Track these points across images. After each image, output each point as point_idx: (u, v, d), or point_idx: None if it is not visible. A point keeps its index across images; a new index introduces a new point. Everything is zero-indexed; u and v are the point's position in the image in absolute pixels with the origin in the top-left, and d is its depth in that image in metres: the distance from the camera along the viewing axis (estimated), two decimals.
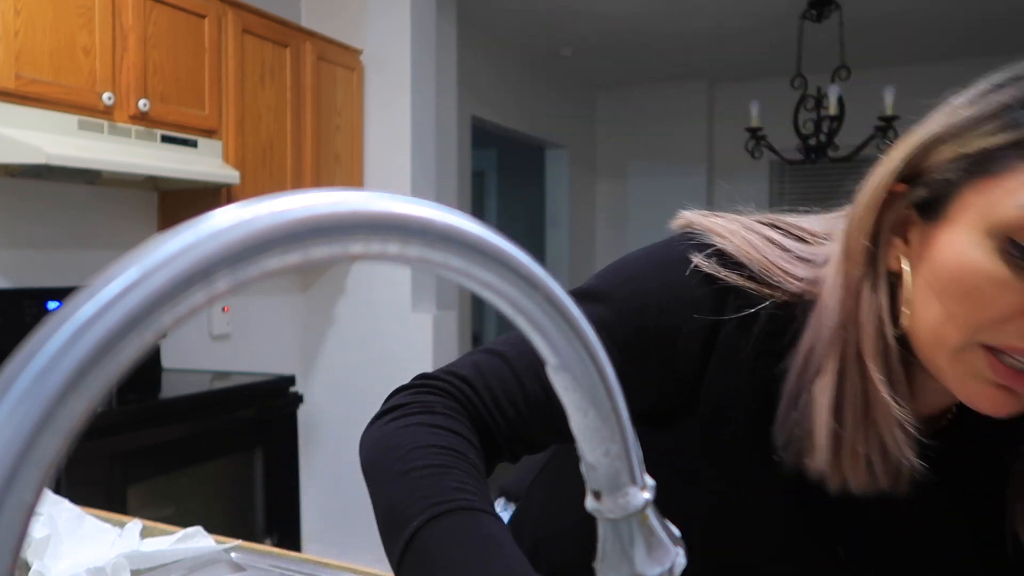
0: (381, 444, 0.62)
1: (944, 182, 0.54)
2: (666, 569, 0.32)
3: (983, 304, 0.51)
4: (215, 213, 0.21)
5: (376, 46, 3.19)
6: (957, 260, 0.53)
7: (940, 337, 0.54)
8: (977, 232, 0.52)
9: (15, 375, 0.18)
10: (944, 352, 0.54)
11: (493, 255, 0.25)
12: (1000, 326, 0.51)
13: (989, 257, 0.51)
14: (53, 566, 0.80)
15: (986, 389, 0.53)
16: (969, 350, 0.53)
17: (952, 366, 0.54)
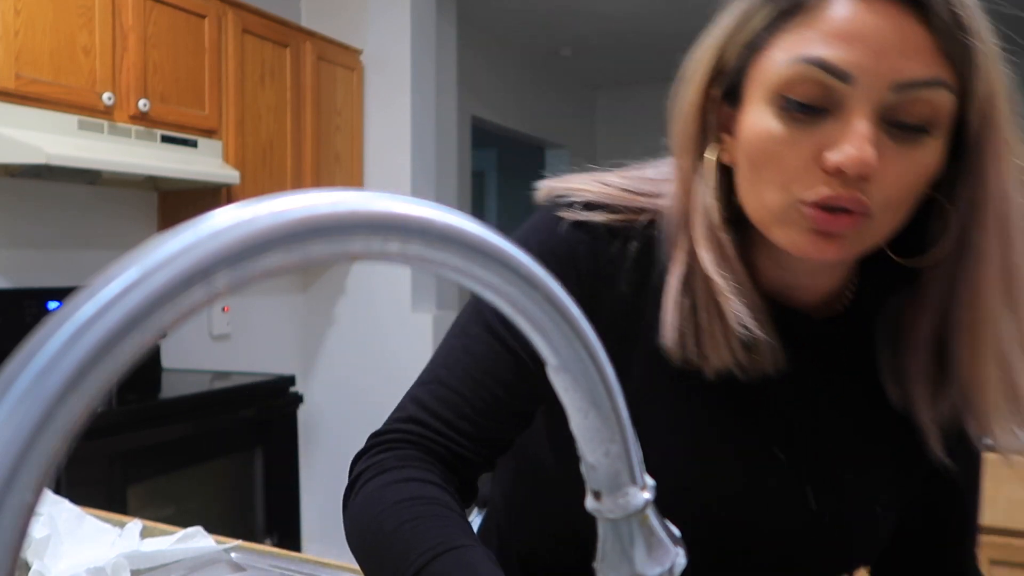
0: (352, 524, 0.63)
1: (736, 71, 0.60)
2: (666, 569, 0.32)
3: (782, 164, 0.56)
4: (215, 213, 0.21)
5: (376, 46, 3.19)
6: (753, 131, 0.57)
7: (760, 203, 0.58)
8: (761, 102, 0.57)
9: (15, 375, 0.18)
10: (769, 217, 0.58)
11: (493, 255, 0.25)
12: (804, 179, 0.55)
13: (772, 119, 0.56)
14: (53, 566, 0.80)
15: (809, 238, 0.56)
16: (791, 210, 0.57)
17: (780, 227, 0.58)
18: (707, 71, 0.61)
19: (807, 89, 0.54)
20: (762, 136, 0.56)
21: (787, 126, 0.55)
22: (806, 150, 0.55)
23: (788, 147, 0.55)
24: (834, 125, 0.54)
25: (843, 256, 0.57)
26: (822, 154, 0.54)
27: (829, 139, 0.54)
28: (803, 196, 0.55)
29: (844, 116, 0.53)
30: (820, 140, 0.54)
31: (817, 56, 0.53)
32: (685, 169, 0.63)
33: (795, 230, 0.57)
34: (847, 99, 0.53)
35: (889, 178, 0.54)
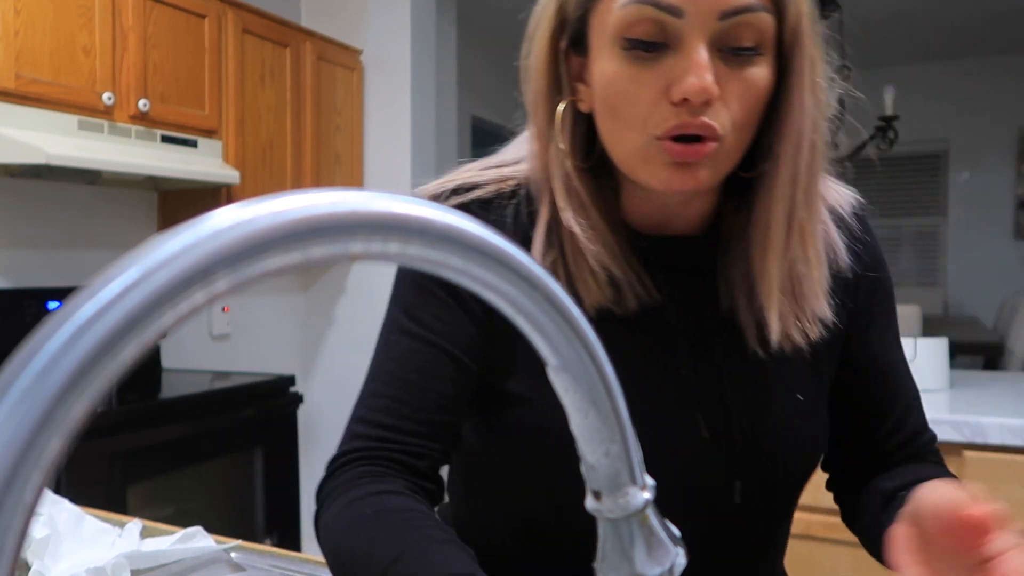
0: (325, 550, 0.65)
1: (578, 20, 0.63)
2: (666, 569, 0.32)
3: (635, 103, 0.59)
4: (215, 213, 0.21)
5: (376, 46, 3.19)
6: (603, 76, 0.61)
7: (620, 145, 0.62)
8: (606, 47, 0.60)
9: (15, 375, 0.18)
10: (630, 157, 0.62)
11: (493, 255, 0.25)
12: (656, 115, 0.59)
13: (619, 62, 0.59)
14: (53, 566, 0.80)
15: (668, 171, 0.60)
16: (648, 147, 0.60)
17: (642, 166, 0.61)
18: (551, 25, 0.64)
19: (645, 27, 0.58)
20: (612, 79, 0.60)
21: (633, 66, 0.59)
22: (654, 87, 0.59)
23: (637, 86, 0.59)
24: (675, 59, 0.58)
25: (704, 184, 0.61)
26: (669, 89, 0.58)
27: (673, 73, 0.58)
28: (656, 131, 0.59)
29: (682, 49, 0.58)
30: (665, 75, 0.58)
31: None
32: (541, 125, 0.66)
33: (655, 166, 0.60)
34: (682, 33, 0.57)
35: (731, 100, 0.59)
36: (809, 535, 1.67)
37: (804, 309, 0.67)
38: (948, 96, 5.73)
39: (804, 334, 0.67)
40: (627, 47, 0.59)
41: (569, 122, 0.65)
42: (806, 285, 0.66)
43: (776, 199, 0.63)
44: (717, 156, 0.60)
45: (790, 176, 0.62)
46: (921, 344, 1.86)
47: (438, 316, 0.68)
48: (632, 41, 0.58)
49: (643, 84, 0.59)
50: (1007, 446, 1.57)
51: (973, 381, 2.01)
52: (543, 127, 0.66)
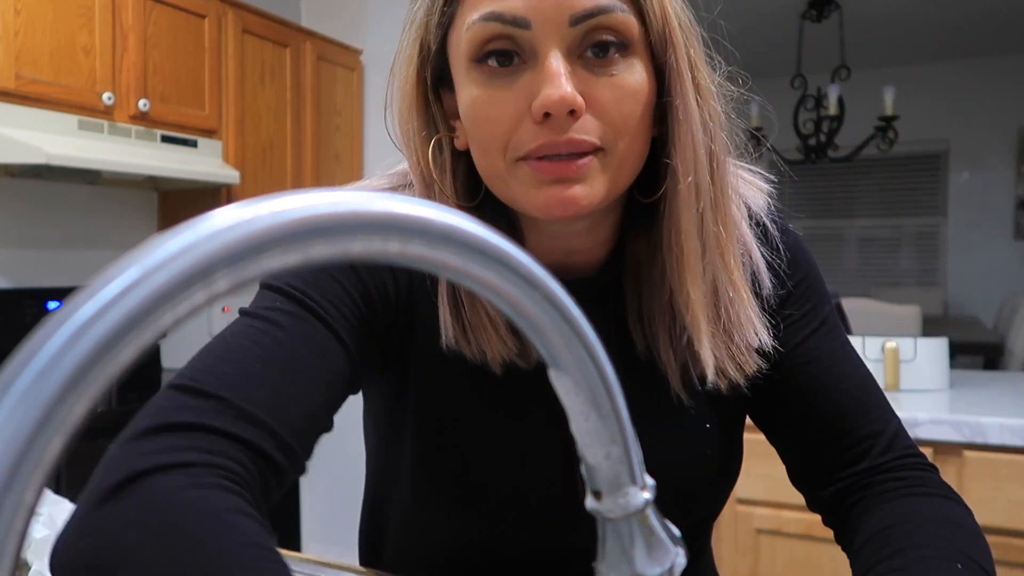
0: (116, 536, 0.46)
1: (439, 52, 0.60)
2: (666, 569, 0.32)
3: (497, 126, 0.55)
4: (215, 213, 0.21)
5: (376, 46, 3.19)
6: (465, 104, 0.57)
7: (489, 172, 0.58)
8: (464, 74, 0.57)
9: (15, 375, 0.18)
10: (500, 183, 0.58)
11: (493, 255, 0.25)
12: (516, 137, 0.55)
13: (476, 86, 0.56)
14: None
15: (545, 191, 0.55)
16: (513, 169, 0.56)
17: (513, 189, 0.57)
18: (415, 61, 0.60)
19: (495, 45, 0.55)
20: (472, 105, 0.56)
21: (490, 88, 0.55)
22: (515, 106, 0.55)
23: (497, 107, 0.55)
24: (533, 75, 0.54)
25: (588, 202, 0.55)
26: (531, 107, 0.54)
27: (532, 90, 0.54)
28: (522, 152, 0.55)
29: (539, 62, 0.54)
30: (524, 93, 0.54)
31: (489, 11, 0.54)
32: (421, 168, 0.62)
33: (528, 188, 0.56)
34: (534, 45, 0.54)
35: (603, 108, 0.54)
36: (809, 535, 1.67)
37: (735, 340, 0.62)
38: (948, 96, 5.73)
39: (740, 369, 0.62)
40: (481, 69, 0.55)
41: (451, 162, 0.61)
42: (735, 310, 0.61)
43: (682, 214, 0.58)
44: (604, 168, 0.55)
45: (693, 187, 0.58)
46: (921, 344, 1.86)
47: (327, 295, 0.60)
48: (484, 64, 0.55)
49: (503, 104, 0.55)
50: (1007, 446, 1.57)
51: (973, 381, 2.01)
52: (423, 170, 0.61)
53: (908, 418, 1.61)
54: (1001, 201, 5.71)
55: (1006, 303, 4.84)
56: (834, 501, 0.68)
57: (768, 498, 1.70)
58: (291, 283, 0.59)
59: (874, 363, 1.85)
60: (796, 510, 1.66)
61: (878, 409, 0.67)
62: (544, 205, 0.55)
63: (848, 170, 5.69)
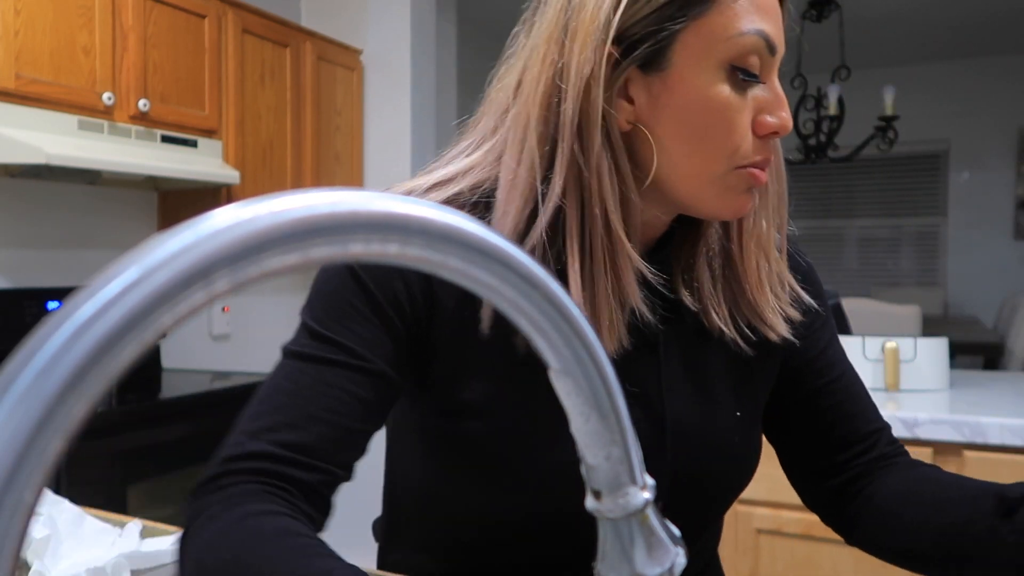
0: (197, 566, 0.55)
1: (659, 32, 0.57)
2: (666, 569, 0.32)
3: (732, 131, 0.59)
4: (215, 213, 0.21)
5: (376, 46, 3.19)
6: (699, 99, 0.58)
7: (704, 171, 0.60)
8: (706, 70, 0.58)
9: (15, 375, 0.18)
10: (709, 184, 0.60)
11: (493, 255, 0.25)
12: (746, 144, 0.59)
13: (726, 88, 0.58)
14: (53, 566, 0.80)
15: (744, 197, 0.62)
16: (729, 175, 0.60)
17: (719, 191, 0.61)
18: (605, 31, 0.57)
19: (753, 60, 0.58)
20: (716, 104, 0.58)
21: (739, 95, 0.59)
22: (748, 116, 0.59)
23: (738, 115, 0.59)
24: (761, 92, 0.60)
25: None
26: (757, 120, 0.59)
27: (760, 106, 0.59)
28: (742, 160, 0.60)
29: (769, 84, 0.60)
30: (753, 107, 0.59)
31: (761, 29, 0.58)
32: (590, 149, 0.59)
33: (733, 193, 0.61)
34: (770, 68, 0.60)
35: None
36: (809, 535, 1.67)
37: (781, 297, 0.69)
38: (948, 96, 5.73)
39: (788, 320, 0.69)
40: (737, 76, 0.58)
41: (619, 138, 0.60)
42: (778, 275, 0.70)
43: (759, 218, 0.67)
44: None
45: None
46: (921, 344, 1.86)
47: (349, 325, 0.61)
48: (744, 71, 0.58)
49: (743, 112, 0.59)
50: (1007, 446, 1.57)
51: (973, 381, 2.01)
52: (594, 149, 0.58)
53: (908, 418, 1.61)
54: (1001, 201, 5.71)
55: (1006, 303, 4.84)
56: (842, 489, 0.75)
57: (768, 498, 1.70)
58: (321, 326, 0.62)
59: (874, 363, 1.85)
60: (796, 510, 1.66)
61: (876, 409, 0.77)
62: (738, 208, 0.62)
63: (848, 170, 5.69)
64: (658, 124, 0.60)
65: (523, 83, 0.62)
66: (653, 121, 0.60)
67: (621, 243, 0.60)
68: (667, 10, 0.57)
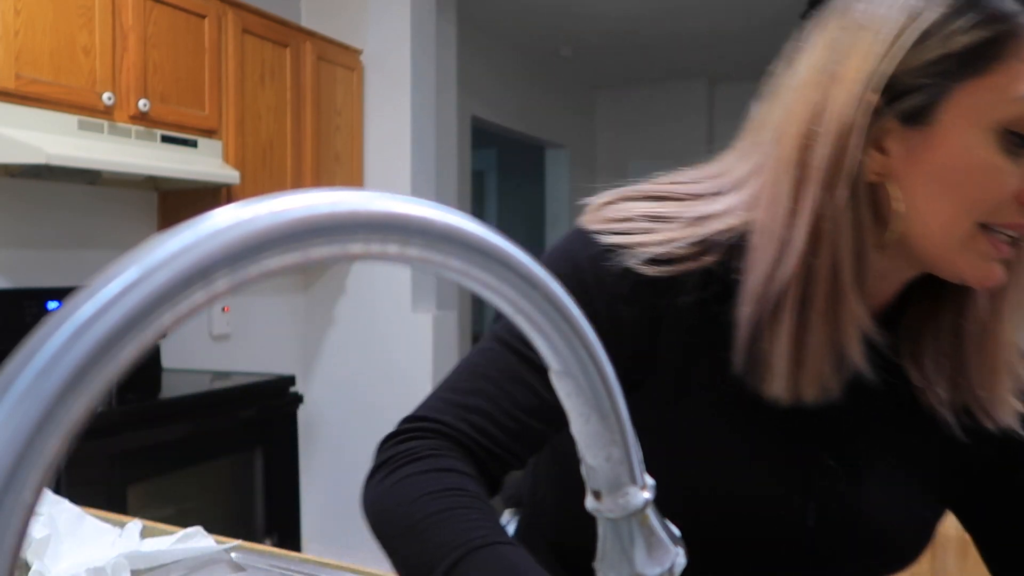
0: (381, 505, 0.62)
1: (931, 87, 0.55)
2: (666, 569, 0.32)
3: (989, 193, 0.56)
4: (215, 213, 0.21)
5: (376, 46, 3.19)
6: (963, 159, 0.56)
7: (951, 230, 0.58)
8: (977, 130, 0.55)
9: (15, 375, 0.18)
10: (954, 243, 0.58)
11: (493, 255, 0.25)
12: (1002, 209, 0.56)
13: (991, 151, 0.55)
14: (53, 566, 0.80)
15: (990, 267, 0.58)
16: (973, 236, 0.57)
17: (963, 255, 0.58)
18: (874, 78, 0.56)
19: None
20: (978, 167, 0.56)
21: (1008, 159, 0.56)
22: (1015, 183, 0.56)
23: (1005, 178, 0.56)
24: None
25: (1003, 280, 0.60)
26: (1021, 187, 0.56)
27: None
28: (991, 220, 0.57)
29: None
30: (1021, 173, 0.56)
31: None
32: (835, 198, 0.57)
33: (978, 258, 0.58)
34: None
35: None
36: None
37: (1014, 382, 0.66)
38: None
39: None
40: (1012, 141, 0.55)
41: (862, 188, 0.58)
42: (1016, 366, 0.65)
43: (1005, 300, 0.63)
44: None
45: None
46: None
47: None
48: (1019, 135, 0.55)
49: (1011, 179, 0.56)
50: None
51: None
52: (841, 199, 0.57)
53: None
54: None
55: None
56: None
57: None
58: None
59: None
60: None
61: None
62: (982, 277, 0.59)
63: None
64: (910, 179, 0.58)
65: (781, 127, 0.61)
66: (905, 175, 0.58)
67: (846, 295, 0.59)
68: (944, 64, 0.55)
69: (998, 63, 0.54)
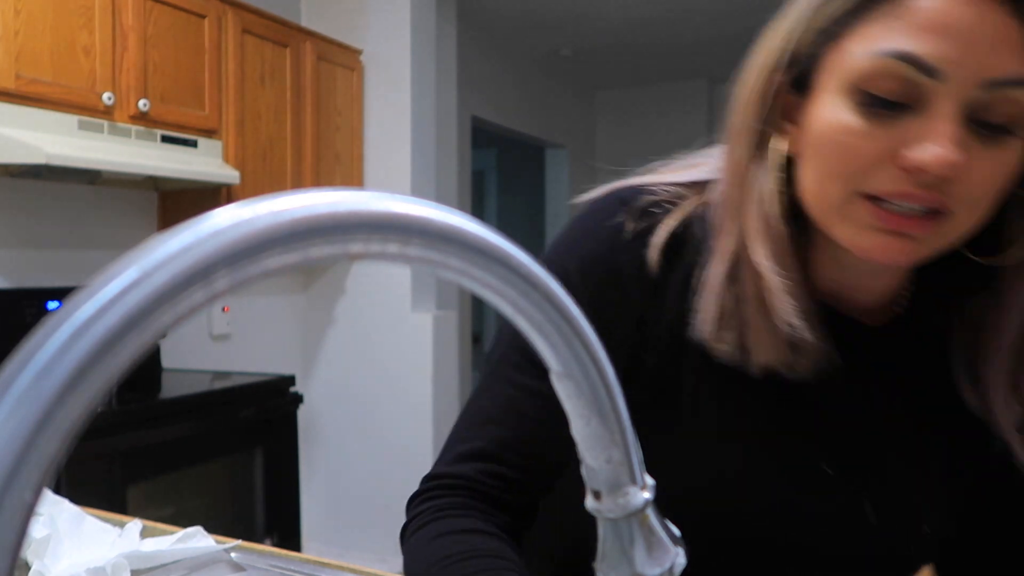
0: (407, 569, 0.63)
1: (808, 57, 0.56)
2: (666, 569, 0.32)
3: (853, 157, 0.53)
4: (215, 213, 0.21)
5: (376, 46, 3.19)
6: (825, 123, 0.55)
7: (822, 196, 0.56)
8: (836, 93, 0.54)
9: (15, 375, 0.18)
10: (830, 211, 0.56)
11: (493, 255, 0.25)
12: (871, 174, 0.53)
13: (848, 112, 0.53)
14: (53, 566, 0.80)
15: (877, 238, 0.54)
16: (851, 203, 0.54)
17: (842, 223, 0.56)
18: (775, 56, 0.58)
19: (890, 84, 0.51)
20: (835, 129, 0.54)
21: (864, 120, 0.52)
22: (881, 145, 0.52)
23: (862, 141, 0.53)
24: (916, 122, 0.51)
25: (915, 259, 0.54)
26: (899, 151, 0.51)
27: (909, 136, 0.51)
28: (870, 189, 0.53)
29: (929, 113, 0.50)
30: (899, 136, 0.51)
31: (905, 50, 0.50)
32: (740, 158, 0.60)
33: (861, 229, 0.54)
34: (933, 95, 0.50)
35: (972, 179, 0.51)
36: None
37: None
38: None
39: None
40: (863, 100, 0.52)
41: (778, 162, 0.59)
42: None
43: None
44: (938, 231, 0.53)
45: None
46: None
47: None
48: (872, 96, 0.52)
49: (871, 140, 0.52)
50: None
51: None
52: (742, 163, 0.60)
53: None
54: None
55: None
56: None
57: None
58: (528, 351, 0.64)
59: None
60: None
61: None
62: (870, 249, 0.54)
63: None
64: (802, 149, 0.58)
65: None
66: (801, 146, 0.58)
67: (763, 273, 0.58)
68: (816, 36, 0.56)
69: (860, 22, 0.53)
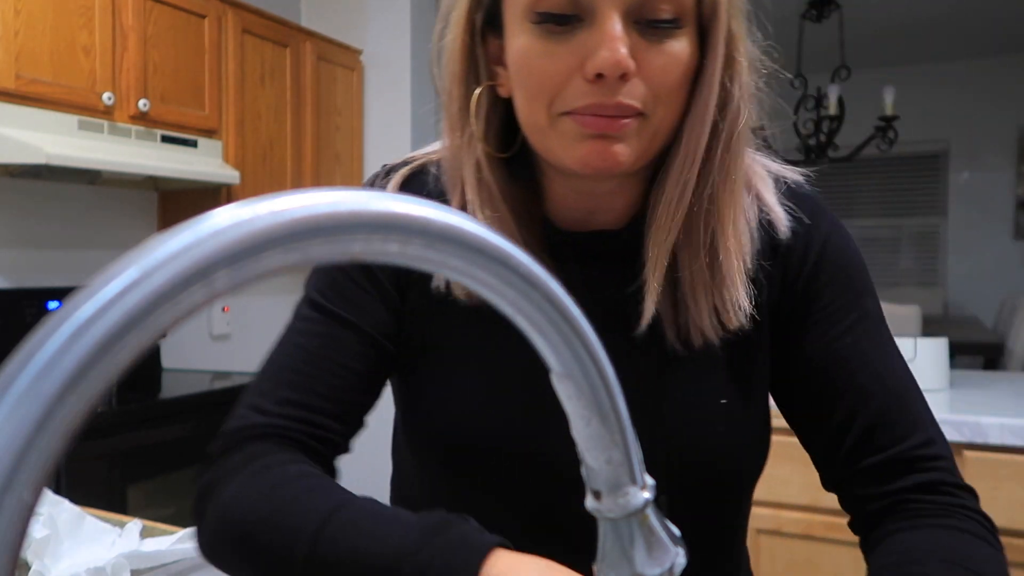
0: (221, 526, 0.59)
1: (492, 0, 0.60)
2: (666, 569, 0.32)
3: (547, 79, 0.57)
4: (214, 213, 0.21)
5: (376, 46, 3.19)
6: (515, 51, 0.58)
7: (532, 124, 0.59)
8: (518, 23, 0.58)
9: (15, 375, 0.18)
10: (542, 136, 0.59)
11: (493, 255, 0.25)
12: (564, 92, 0.56)
13: (530, 37, 0.57)
14: (53, 566, 0.80)
15: (586, 145, 0.57)
16: (556, 122, 0.58)
17: (555, 143, 0.58)
18: (467, 3, 0.61)
19: (557, 2, 0.55)
20: (524, 54, 0.57)
21: (545, 41, 0.56)
22: (567, 62, 0.56)
23: (549, 61, 0.56)
24: (589, 34, 0.55)
25: (626, 162, 0.57)
26: (583, 64, 0.55)
27: (586, 48, 0.55)
28: (568, 107, 0.56)
29: (596, 22, 0.55)
30: (578, 50, 0.55)
31: None
32: (454, 111, 0.63)
33: (570, 141, 0.57)
34: (595, 5, 0.55)
35: (651, 75, 0.56)
36: (809, 535, 1.67)
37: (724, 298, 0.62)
38: (948, 96, 5.73)
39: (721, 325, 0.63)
40: (537, 21, 0.56)
41: (486, 108, 0.62)
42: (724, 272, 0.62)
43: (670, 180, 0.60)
44: (641, 131, 0.57)
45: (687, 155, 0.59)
46: (921, 344, 1.86)
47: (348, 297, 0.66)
48: (542, 15, 0.56)
49: (556, 59, 0.56)
50: (1007, 446, 1.57)
51: (973, 381, 2.01)
52: (456, 113, 0.63)
53: None
54: (1001, 201, 5.71)
55: (1006, 303, 4.84)
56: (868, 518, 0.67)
57: (768, 498, 1.70)
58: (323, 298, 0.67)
59: None
60: (796, 510, 1.65)
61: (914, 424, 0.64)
62: (583, 157, 0.57)
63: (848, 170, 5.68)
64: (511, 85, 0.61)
65: None
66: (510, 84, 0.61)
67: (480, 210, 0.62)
68: None
69: None
